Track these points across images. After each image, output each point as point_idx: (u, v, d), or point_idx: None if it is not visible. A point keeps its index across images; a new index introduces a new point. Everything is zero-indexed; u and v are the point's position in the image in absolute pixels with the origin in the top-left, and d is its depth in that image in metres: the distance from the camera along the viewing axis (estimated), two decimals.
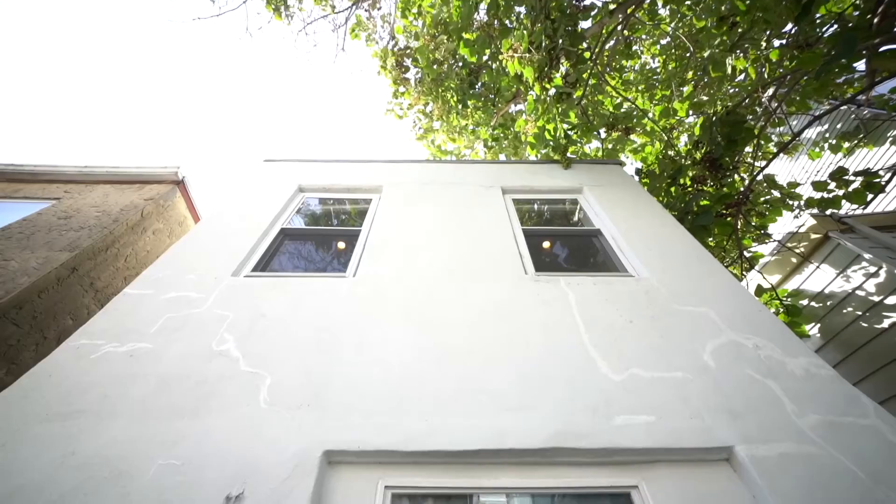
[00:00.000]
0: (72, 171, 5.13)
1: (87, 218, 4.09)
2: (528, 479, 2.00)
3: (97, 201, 4.44)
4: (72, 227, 3.94)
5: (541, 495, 2.02)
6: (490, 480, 1.99)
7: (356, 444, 2.00)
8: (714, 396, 2.25)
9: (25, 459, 1.90)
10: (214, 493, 1.78)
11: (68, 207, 4.26)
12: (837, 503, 1.76)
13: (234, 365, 2.42)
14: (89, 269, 3.87)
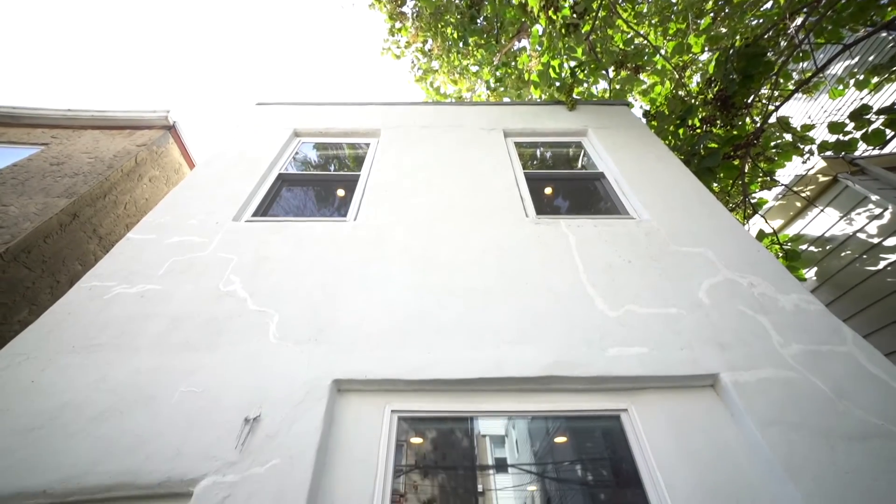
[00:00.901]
0: (55, 115, 4.95)
1: (80, 164, 4.02)
2: (525, 404, 2.15)
3: (88, 147, 4.33)
4: (66, 173, 3.88)
5: (537, 418, 2.19)
6: (489, 405, 2.14)
7: (363, 373, 2.12)
8: (705, 330, 2.35)
9: (65, 382, 2.05)
10: (234, 415, 1.93)
11: (59, 153, 4.17)
12: (803, 415, 1.91)
13: (241, 304, 2.50)
14: (90, 215, 3.88)
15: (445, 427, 2.19)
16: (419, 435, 2.15)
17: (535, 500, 2.07)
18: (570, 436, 2.22)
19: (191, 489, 1.69)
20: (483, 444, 2.16)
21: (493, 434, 2.21)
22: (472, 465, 2.11)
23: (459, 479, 2.10)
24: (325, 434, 1.90)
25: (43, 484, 1.68)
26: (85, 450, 1.79)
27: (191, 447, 1.81)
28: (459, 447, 2.17)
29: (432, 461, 2.11)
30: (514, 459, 2.18)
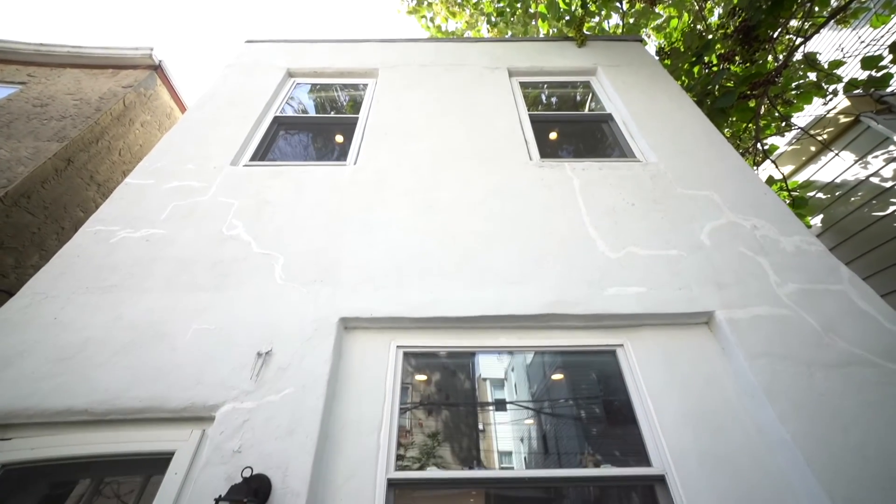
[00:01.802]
0: (28, 51, 4.67)
1: (65, 106, 3.87)
2: (524, 340, 2.24)
3: (70, 88, 4.14)
4: (52, 115, 3.75)
5: (536, 356, 2.29)
6: (490, 341, 2.24)
7: (368, 311, 2.19)
8: (704, 270, 2.38)
9: (84, 319, 2.15)
10: (246, 350, 2.03)
11: (40, 94, 4.01)
12: (789, 348, 2.00)
13: (246, 248, 2.53)
14: (84, 161, 3.81)
15: (448, 370, 2.30)
16: (423, 373, 2.26)
17: (532, 433, 2.21)
18: (566, 374, 2.33)
19: (213, 414, 1.82)
20: (483, 387, 2.28)
21: (493, 377, 2.31)
22: (472, 402, 2.23)
23: (461, 416, 2.23)
24: (334, 367, 2.00)
25: (84, 403, 1.83)
26: (113, 378, 1.91)
27: (209, 378, 1.92)
28: (461, 389, 2.29)
29: (436, 400, 2.23)
30: (514, 401, 2.30)
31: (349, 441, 1.84)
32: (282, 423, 1.78)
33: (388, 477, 1.75)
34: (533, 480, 1.94)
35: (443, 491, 1.92)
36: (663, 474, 1.77)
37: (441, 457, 1.99)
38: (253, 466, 1.62)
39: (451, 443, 2.10)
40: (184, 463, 1.72)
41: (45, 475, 1.83)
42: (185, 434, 1.81)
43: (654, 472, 1.78)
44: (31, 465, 1.76)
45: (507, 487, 1.95)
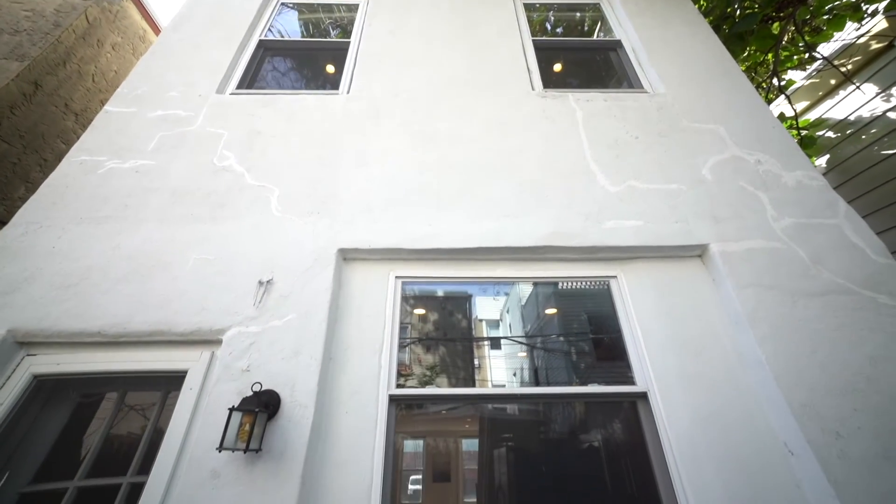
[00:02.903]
0: None
1: (15, 19, 3.49)
2: (522, 271, 2.29)
3: None
4: (2, 28, 3.40)
5: (531, 283, 2.35)
6: (488, 272, 2.28)
7: (367, 243, 2.20)
8: (702, 205, 2.37)
9: (83, 249, 2.15)
10: (247, 279, 2.06)
11: None
12: (777, 279, 2.06)
13: (239, 179, 2.47)
14: (54, 86, 3.57)
15: (447, 310, 2.36)
16: (422, 306, 2.31)
17: (525, 365, 2.32)
18: (559, 308, 2.40)
19: (220, 337, 1.90)
20: (480, 328, 2.35)
21: (489, 318, 2.37)
22: (469, 337, 2.32)
23: (458, 349, 2.33)
24: (335, 295, 2.05)
25: (96, 327, 1.90)
26: (120, 304, 1.96)
27: (213, 304, 1.97)
28: (459, 327, 2.37)
29: (435, 335, 2.31)
30: (508, 341, 2.37)
31: (352, 362, 1.94)
32: (286, 346, 1.86)
33: (389, 393, 1.87)
34: (525, 397, 2.09)
35: (441, 414, 2.06)
36: (646, 391, 1.91)
37: (438, 382, 2.12)
38: (262, 383, 1.72)
39: (449, 370, 2.23)
40: (197, 380, 1.83)
41: (74, 387, 1.95)
42: (195, 355, 1.90)
43: (638, 389, 1.92)
44: (59, 377, 1.88)
45: (500, 405, 2.11)
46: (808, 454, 1.61)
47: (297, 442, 1.63)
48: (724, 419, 1.79)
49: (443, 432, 2.07)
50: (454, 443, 2.08)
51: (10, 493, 1.68)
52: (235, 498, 1.53)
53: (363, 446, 1.74)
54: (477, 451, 2.01)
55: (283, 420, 1.68)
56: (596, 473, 1.88)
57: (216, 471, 1.57)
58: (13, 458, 1.75)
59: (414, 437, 1.92)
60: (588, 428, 2.03)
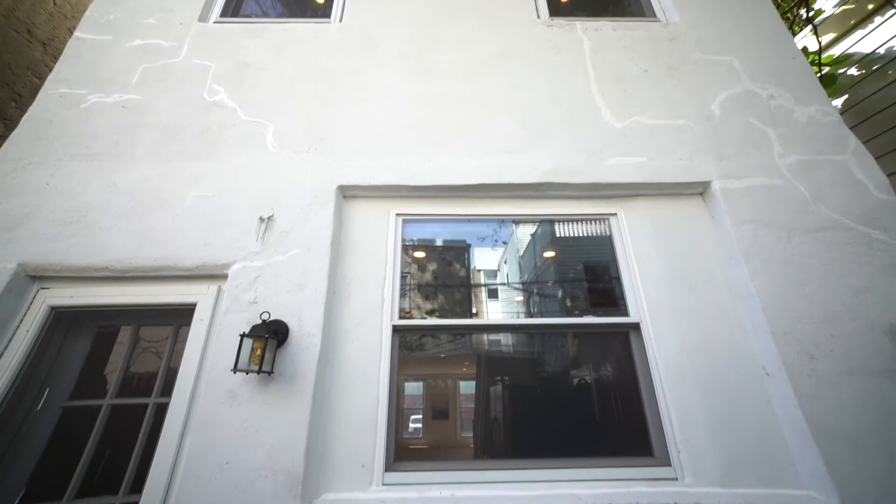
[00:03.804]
0: None
1: None
2: (522, 209, 2.29)
3: None
4: None
5: (532, 221, 2.37)
6: (488, 209, 2.28)
7: (366, 179, 2.18)
8: (708, 141, 2.32)
9: (79, 187, 2.13)
10: (248, 216, 2.06)
11: None
12: (776, 215, 2.07)
13: (232, 115, 2.38)
14: (10, 7, 3.27)
15: (445, 260, 2.38)
16: (423, 252, 2.33)
17: (520, 312, 2.37)
18: (557, 253, 2.43)
19: (225, 272, 1.94)
20: (478, 278, 2.37)
21: (487, 269, 2.39)
22: (468, 284, 2.36)
23: (457, 299, 2.39)
24: (336, 231, 2.07)
25: (103, 262, 1.93)
26: (124, 240, 1.98)
27: (216, 240, 1.99)
28: (457, 276, 2.39)
29: (433, 283, 2.35)
30: (506, 290, 2.42)
31: (355, 295, 2.00)
32: (291, 279, 1.91)
33: (392, 323, 1.96)
34: (521, 327, 2.19)
35: (440, 358, 2.15)
36: (638, 322, 1.99)
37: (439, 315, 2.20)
38: (270, 313, 1.79)
39: (448, 316, 2.30)
40: (207, 312, 1.90)
41: (91, 319, 2.04)
42: (202, 289, 1.96)
43: (631, 320, 2.01)
44: (74, 309, 1.95)
45: (496, 336, 2.21)
46: (783, 374, 1.73)
47: (306, 366, 1.74)
48: (711, 347, 1.89)
49: (442, 374, 2.18)
50: (452, 383, 2.19)
51: (55, 407, 1.85)
52: (252, 415, 1.65)
53: (369, 371, 1.85)
54: (474, 392, 2.13)
55: (293, 347, 1.77)
56: (586, 400, 2.02)
57: (233, 391, 1.69)
58: (48, 379, 1.88)
59: (415, 379, 2.01)
60: (581, 361, 2.14)
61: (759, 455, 1.69)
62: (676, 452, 1.72)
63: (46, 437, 1.79)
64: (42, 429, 1.80)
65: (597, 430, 1.92)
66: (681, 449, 1.72)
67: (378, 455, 1.70)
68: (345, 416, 1.76)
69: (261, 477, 1.55)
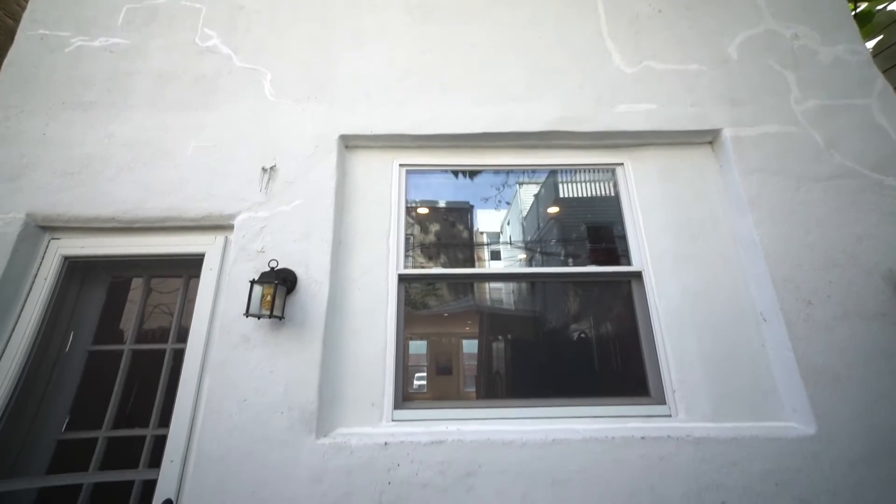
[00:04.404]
0: None
1: None
2: (527, 159, 2.25)
3: None
4: None
5: (537, 171, 2.34)
6: (492, 159, 2.24)
7: (368, 128, 2.13)
8: (722, 87, 2.23)
9: (76, 137, 2.09)
10: (250, 166, 2.04)
11: None
12: (786, 164, 2.03)
13: (227, 62, 2.29)
14: None
15: (448, 221, 2.36)
16: (426, 210, 2.32)
17: (523, 264, 2.37)
18: (560, 211, 2.41)
19: (231, 222, 1.95)
20: (481, 240, 2.37)
21: (490, 231, 2.38)
22: (471, 243, 2.36)
23: (460, 259, 2.38)
24: (339, 182, 2.05)
25: (110, 212, 1.95)
26: (128, 191, 1.98)
27: (220, 191, 1.99)
28: (460, 238, 2.38)
29: (436, 244, 2.34)
30: (508, 249, 2.41)
31: (360, 245, 2.02)
32: (297, 229, 1.92)
33: (398, 272, 1.99)
34: (525, 276, 2.23)
35: (444, 317, 2.18)
36: (641, 271, 2.02)
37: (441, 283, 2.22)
38: (277, 261, 1.82)
39: (451, 267, 2.32)
40: (215, 261, 1.94)
41: (104, 269, 2.09)
42: (209, 239, 1.98)
43: (634, 269, 2.03)
44: (86, 259, 1.99)
45: (500, 294, 2.25)
46: (779, 319, 1.77)
47: (315, 313, 1.79)
48: (711, 294, 1.93)
49: (445, 333, 2.23)
50: (456, 341, 2.24)
51: (81, 351, 1.96)
52: (266, 357, 1.73)
53: (376, 317, 1.91)
54: (476, 350, 2.19)
55: (301, 294, 1.81)
56: (587, 349, 2.09)
57: (246, 336, 1.75)
58: (71, 324, 1.97)
59: (419, 338, 2.07)
60: (583, 313, 2.18)
61: (749, 393, 1.77)
62: (672, 392, 1.81)
63: (78, 376, 1.92)
64: (73, 369, 1.92)
65: (597, 375, 2.01)
66: (676, 388, 1.80)
67: (387, 394, 1.79)
68: (354, 359, 1.84)
69: (277, 413, 1.65)
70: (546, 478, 1.57)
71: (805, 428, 1.64)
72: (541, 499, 1.55)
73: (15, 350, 1.76)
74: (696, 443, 1.61)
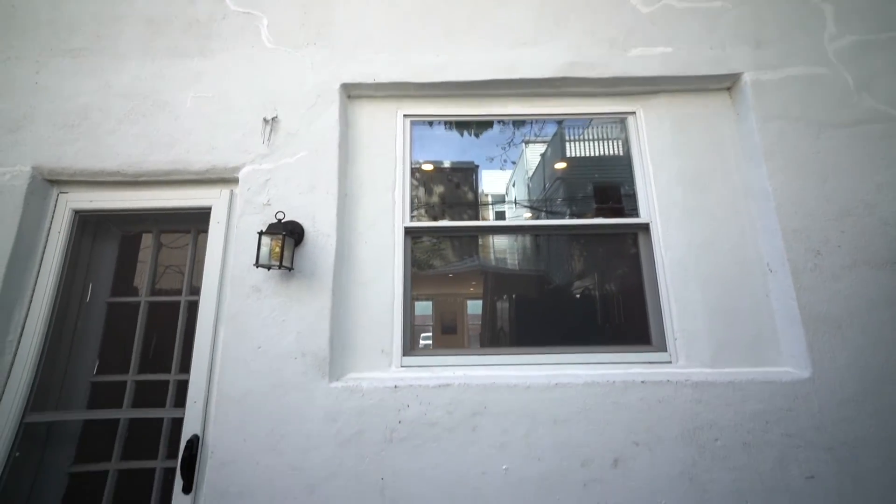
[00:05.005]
0: None
1: None
2: (536, 108, 2.17)
3: None
4: None
5: (545, 126, 2.26)
6: (499, 109, 2.17)
7: (371, 76, 2.05)
8: (747, 25, 2.08)
9: (70, 87, 2.03)
10: (251, 117, 2.00)
11: None
12: (809, 109, 1.94)
13: (220, 5, 2.17)
14: None
15: (453, 182, 2.32)
16: (430, 168, 2.27)
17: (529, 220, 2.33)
18: (569, 167, 2.37)
19: (235, 175, 1.94)
20: (486, 201, 2.33)
21: (495, 193, 2.34)
22: (475, 204, 2.32)
23: (465, 219, 2.35)
24: (343, 133, 2.01)
25: (114, 166, 1.94)
26: (130, 144, 1.96)
27: (222, 143, 1.96)
28: (465, 199, 2.34)
29: (441, 205, 2.30)
30: (513, 208, 2.39)
31: (366, 198, 2.02)
32: (302, 182, 1.91)
33: (404, 225, 2.00)
34: (533, 228, 2.23)
35: (448, 277, 2.19)
36: (648, 223, 2.00)
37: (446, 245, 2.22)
38: (284, 213, 1.82)
39: (456, 216, 2.31)
40: (222, 214, 1.95)
41: (114, 223, 2.12)
42: (215, 193, 1.98)
43: (641, 221, 2.02)
44: (96, 213, 2.01)
45: (503, 254, 2.26)
46: (785, 270, 1.77)
47: (324, 264, 1.82)
48: (718, 246, 1.92)
49: (450, 294, 2.25)
50: (461, 301, 2.27)
51: (101, 302, 2.03)
52: (277, 307, 1.78)
53: (384, 270, 1.94)
54: (480, 311, 2.23)
55: (309, 246, 1.84)
56: (591, 302, 2.12)
57: (257, 286, 1.80)
58: (89, 276, 2.03)
59: (425, 298, 2.09)
60: (588, 268, 2.18)
61: (750, 341, 1.81)
62: (673, 340, 1.85)
63: (101, 326, 2.00)
64: (95, 320, 2.00)
65: (600, 326, 2.05)
66: (677, 337, 1.85)
67: (395, 342, 1.86)
68: (363, 310, 1.89)
69: (291, 359, 1.72)
70: (548, 418, 1.66)
71: (800, 372, 1.69)
72: (542, 436, 1.64)
73: (41, 299, 1.84)
74: (693, 386, 1.67)
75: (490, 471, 1.62)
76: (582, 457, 1.62)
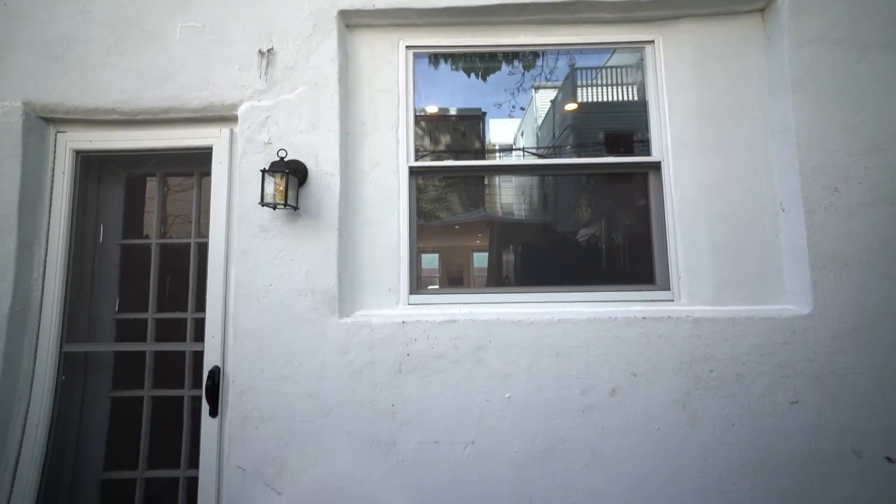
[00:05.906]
0: None
1: None
2: (547, 37, 2.03)
3: None
4: None
5: (559, 51, 2.12)
6: (509, 39, 2.03)
7: (370, 2, 1.90)
8: None
9: (47, 11, 1.90)
10: (246, 49, 1.89)
11: None
12: (852, 29, 1.77)
13: None
14: None
15: (459, 131, 2.21)
16: (435, 114, 2.16)
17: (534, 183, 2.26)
18: (579, 112, 2.27)
19: (234, 113, 1.88)
20: (493, 149, 2.23)
21: (503, 143, 2.25)
22: (482, 151, 2.22)
23: (472, 170, 2.26)
24: (342, 67, 1.91)
25: (109, 103, 1.88)
26: (122, 79, 1.88)
27: (217, 78, 1.88)
28: (471, 148, 2.24)
29: (446, 153, 2.21)
30: (522, 157, 2.31)
31: (370, 137, 1.96)
32: (303, 119, 1.85)
33: (409, 165, 1.95)
34: (542, 168, 2.18)
35: (455, 229, 2.16)
36: (660, 161, 1.94)
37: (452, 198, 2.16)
38: (287, 151, 1.79)
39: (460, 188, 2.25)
40: (224, 154, 1.91)
41: (117, 164, 2.10)
42: (215, 132, 1.93)
43: (653, 159, 1.95)
44: (97, 153, 1.99)
45: (509, 176, 2.22)
46: (799, 209, 1.73)
47: (329, 204, 1.81)
48: (730, 184, 1.86)
49: (456, 246, 2.24)
50: (466, 253, 2.26)
51: (113, 245, 2.08)
52: (285, 246, 1.80)
53: (389, 210, 1.93)
54: (486, 262, 2.23)
55: (313, 186, 1.82)
56: (596, 244, 2.11)
57: (264, 226, 1.81)
58: (99, 218, 2.07)
59: (431, 251, 2.09)
60: (595, 211, 2.15)
61: (754, 280, 1.82)
62: (677, 279, 1.87)
63: (117, 267, 2.07)
64: (110, 261, 2.07)
65: (605, 266, 2.07)
66: (681, 276, 1.86)
67: (402, 281, 1.90)
68: (369, 249, 1.91)
69: (301, 296, 1.77)
70: (550, 351, 1.73)
71: (800, 309, 1.71)
72: (545, 367, 1.72)
73: (56, 239, 1.89)
74: (693, 322, 1.71)
75: (494, 399, 1.72)
76: (582, 386, 1.71)
